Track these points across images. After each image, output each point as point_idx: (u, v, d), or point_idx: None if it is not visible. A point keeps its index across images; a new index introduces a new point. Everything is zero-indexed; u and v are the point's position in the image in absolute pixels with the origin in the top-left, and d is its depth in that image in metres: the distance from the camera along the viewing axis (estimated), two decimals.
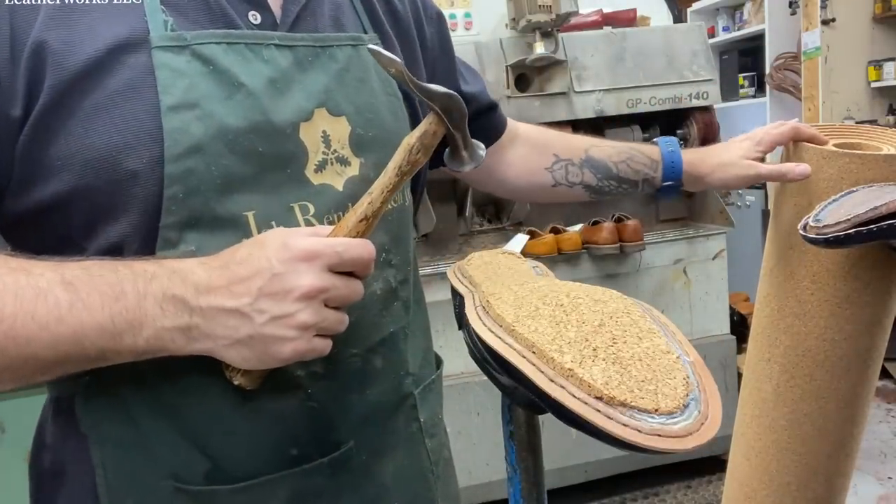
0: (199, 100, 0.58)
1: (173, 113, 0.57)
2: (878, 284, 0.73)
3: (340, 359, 0.65)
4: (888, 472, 2.37)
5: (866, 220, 0.61)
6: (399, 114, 0.72)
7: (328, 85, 0.65)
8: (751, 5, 4.32)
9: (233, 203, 0.59)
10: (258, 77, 0.61)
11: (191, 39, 0.59)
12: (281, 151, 0.62)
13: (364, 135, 0.67)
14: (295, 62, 0.64)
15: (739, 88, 4.42)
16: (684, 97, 2.36)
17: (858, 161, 0.74)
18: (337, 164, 0.65)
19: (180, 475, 0.62)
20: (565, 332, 0.45)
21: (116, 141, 0.56)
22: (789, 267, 0.78)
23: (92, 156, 0.56)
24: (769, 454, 0.79)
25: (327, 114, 0.65)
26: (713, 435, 0.39)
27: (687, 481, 2.44)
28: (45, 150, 0.57)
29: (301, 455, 0.64)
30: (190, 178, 0.58)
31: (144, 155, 0.57)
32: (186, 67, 0.58)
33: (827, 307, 0.74)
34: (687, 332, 2.37)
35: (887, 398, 2.90)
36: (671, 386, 0.42)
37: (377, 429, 0.70)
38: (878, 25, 3.58)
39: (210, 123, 0.58)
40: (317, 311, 0.54)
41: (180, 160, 0.57)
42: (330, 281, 0.55)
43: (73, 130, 0.56)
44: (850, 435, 0.78)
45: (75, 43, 0.56)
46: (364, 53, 0.69)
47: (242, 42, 0.61)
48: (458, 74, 0.90)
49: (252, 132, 0.60)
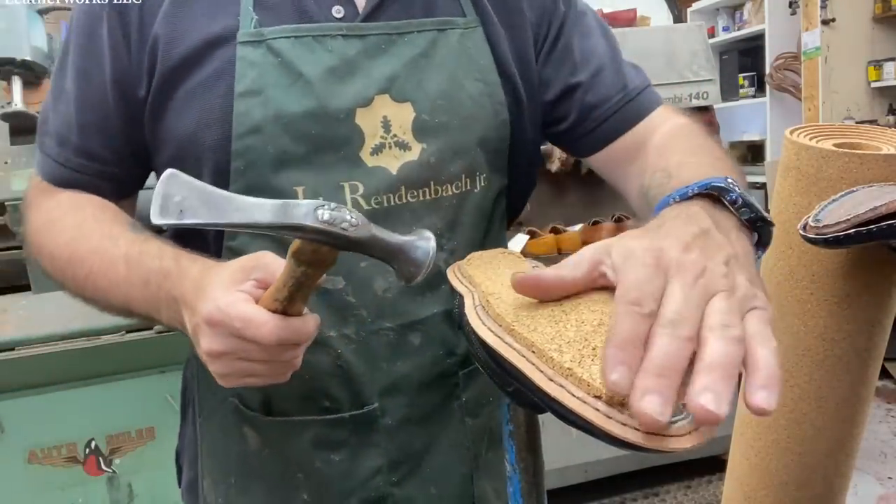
0: (264, 87, 0.67)
1: (242, 98, 0.66)
2: (877, 284, 0.73)
3: (372, 330, 0.71)
4: (888, 472, 2.37)
5: (866, 220, 0.61)
6: (484, 100, 0.73)
7: (396, 71, 0.70)
8: (751, 5, 4.32)
9: (286, 178, 0.67)
10: (318, 66, 0.68)
11: (267, 34, 0.67)
12: (334, 134, 0.68)
13: (429, 120, 0.71)
14: (363, 50, 0.69)
15: (739, 88, 4.42)
16: (684, 97, 2.36)
17: (858, 161, 0.74)
18: (395, 149, 0.70)
19: (243, 397, 0.74)
20: (564, 332, 0.45)
21: (201, 120, 0.67)
22: (789, 267, 0.78)
23: (184, 133, 0.68)
24: (769, 454, 0.79)
25: (390, 100, 0.69)
26: (712, 434, 0.39)
27: (687, 481, 2.44)
28: (158, 125, 0.69)
29: (330, 406, 0.72)
30: (249, 154, 0.67)
31: (218, 133, 0.67)
32: (260, 59, 0.67)
33: (826, 307, 0.74)
34: None
35: (887, 398, 2.90)
36: None
37: (406, 398, 0.74)
38: (878, 25, 3.59)
39: (269, 108, 0.66)
40: (227, 364, 0.56)
41: (243, 138, 0.66)
42: (232, 346, 0.54)
43: (173, 111, 0.68)
44: (850, 435, 0.78)
45: (179, 37, 0.67)
46: (450, 38, 0.72)
47: (310, 34, 0.68)
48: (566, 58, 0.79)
49: (307, 117, 0.67)
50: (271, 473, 0.75)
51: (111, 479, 1.62)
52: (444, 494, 0.77)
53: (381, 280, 0.71)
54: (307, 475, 0.74)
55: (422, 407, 0.75)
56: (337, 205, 0.50)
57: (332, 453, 0.73)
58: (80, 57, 0.71)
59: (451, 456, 0.77)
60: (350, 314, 0.71)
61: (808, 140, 0.83)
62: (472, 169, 0.74)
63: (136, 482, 1.64)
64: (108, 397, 1.59)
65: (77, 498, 1.60)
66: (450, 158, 0.72)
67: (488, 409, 0.80)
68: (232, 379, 0.57)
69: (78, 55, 0.71)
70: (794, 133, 0.86)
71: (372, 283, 0.71)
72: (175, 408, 1.62)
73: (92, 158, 0.72)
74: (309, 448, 0.73)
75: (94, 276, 0.66)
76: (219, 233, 0.71)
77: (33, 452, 1.55)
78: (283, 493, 0.75)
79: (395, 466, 0.74)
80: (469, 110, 0.72)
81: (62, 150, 0.73)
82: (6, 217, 1.60)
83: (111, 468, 1.62)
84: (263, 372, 0.57)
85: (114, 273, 0.64)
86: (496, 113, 0.74)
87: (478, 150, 0.74)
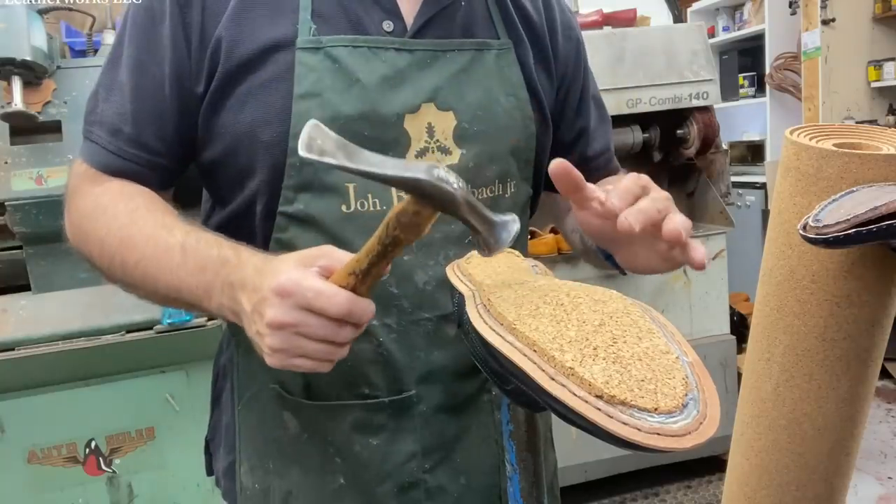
0: (323, 90, 0.72)
1: (301, 100, 0.71)
2: (877, 284, 0.73)
3: (413, 319, 0.76)
4: (888, 472, 2.37)
5: (866, 220, 0.61)
6: (515, 114, 0.80)
7: (440, 83, 0.76)
8: (751, 5, 4.32)
9: (338, 175, 0.72)
10: (373, 74, 0.73)
11: (325, 42, 0.73)
12: (384, 137, 0.73)
13: (469, 129, 0.77)
14: (413, 63, 0.75)
15: (739, 88, 4.42)
16: (684, 97, 2.36)
17: (858, 161, 0.74)
18: (438, 153, 0.76)
19: (285, 384, 0.78)
20: (566, 332, 0.45)
21: (259, 118, 0.72)
22: (789, 267, 0.78)
23: (240, 129, 0.72)
24: (769, 454, 0.79)
25: (435, 108, 0.76)
26: (711, 434, 0.39)
27: (687, 481, 2.44)
28: (213, 120, 0.74)
29: (370, 393, 0.76)
30: None
31: (276, 130, 0.72)
32: (318, 65, 0.72)
33: (826, 307, 0.74)
34: (687, 332, 2.37)
35: (887, 398, 2.90)
36: (670, 385, 0.43)
37: (441, 387, 0.78)
38: (878, 25, 3.59)
39: (327, 109, 0.71)
40: (285, 339, 0.58)
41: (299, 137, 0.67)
42: (297, 318, 0.58)
43: (231, 108, 0.73)
44: (850, 435, 0.78)
45: (241, 40, 0.72)
46: (487, 57, 0.79)
47: (366, 46, 0.74)
48: (582, 107, 0.92)
49: (361, 119, 0.72)
50: (310, 457, 0.78)
51: (111, 479, 1.62)
52: (472, 484, 0.80)
53: (421, 273, 0.76)
54: (345, 458, 0.77)
55: (455, 397, 0.79)
56: (447, 168, 0.54)
57: (371, 437, 0.77)
58: (138, 50, 0.75)
59: (480, 447, 0.80)
60: (392, 304, 0.75)
61: (808, 140, 0.83)
62: (504, 175, 0.81)
63: (136, 482, 1.64)
64: (108, 397, 1.59)
65: (77, 498, 1.60)
66: (486, 164, 0.78)
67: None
68: (282, 356, 0.59)
69: (136, 48, 0.75)
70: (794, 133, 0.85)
71: (413, 275, 0.76)
72: (175, 408, 1.62)
73: (144, 148, 0.76)
74: (349, 431, 0.76)
75: (146, 261, 0.69)
76: (267, 227, 0.75)
77: (33, 452, 1.55)
78: (321, 477, 0.78)
79: (429, 453, 0.78)
80: (503, 121, 0.79)
81: (114, 139, 0.76)
82: (6, 217, 1.60)
83: (111, 468, 1.62)
84: (316, 352, 0.59)
85: (168, 260, 0.67)
86: (525, 126, 0.81)
87: (510, 158, 0.81)
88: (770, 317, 0.81)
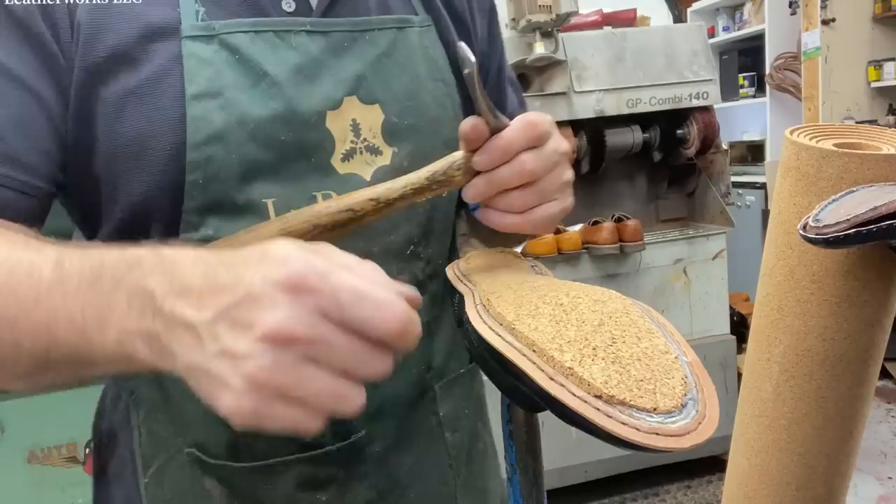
0: (223, 88, 0.58)
1: (196, 101, 0.58)
2: (877, 284, 0.73)
3: None
4: (888, 472, 2.37)
5: (866, 220, 0.61)
6: (445, 101, 0.70)
7: (362, 72, 0.64)
8: (751, 5, 4.32)
9: (253, 190, 0.60)
10: (284, 65, 0.61)
11: (219, 29, 0.59)
12: (305, 140, 0.61)
13: (399, 123, 0.66)
14: (328, 48, 0.63)
15: (739, 88, 4.42)
16: (684, 97, 2.36)
17: (858, 161, 0.74)
18: (367, 154, 0.65)
19: (204, 446, 0.63)
20: (565, 331, 0.45)
21: (143, 128, 0.57)
22: (789, 267, 0.78)
23: (120, 142, 0.57)
24: (769, 454, 0.79)
25: (358, 102, 0.64)
26: (711, 434, 0.39)
27: (687, 481, 2.44)
28: (83, 130, 0.58)
29: (314, 441, 0.64)
30: (210, 165, 0.58)
31: (168, 142, 0.57)
32: (213, 56, 0.59)
33: (827, 307, 0.74)
34: (687, 332, 2.37)
35: (887, 398, 2.90)
36: (669, 385, 0.43)
37: (393, 422, 0.68)
38: (878, 25, 3.59)
39: (232, 112, 0.58)
40: (284, 364, 0.36)
41: (201, 148, 0.58)
42: (316, 330, 0.37)
43: (104, 115, 0.57)
44: (850, 435, 0.78)
45: (106, 25, 0.57)
46: (410, 36, 0.68)
47: (271, 29, 0.61)
48: (500, 88, 0.83)
49: (275, 121, 0.60)
50: None
51: None
52: None
53: None
54: None
55: (406, 427, 0.70)
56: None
57: (319, 493, 0.65)
58: None
59: (434, 477, 0.73)
60: None
61: (808, 140, 0.83)
62: None
63: None
64: None
65: (77, 498, 1.60)
66: (421, 162, 0.64)
67: (465, 421, 0.77)
68: (264, 396, 0.37)
69: None
70: (794, 133, 0.85)
71: None
72: None
73: (16, 166, 0.56)
74: (292, 492, 0.64)
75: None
76: (172, 230, 0.60)
77: (33, 452, 1.55)
78: None
79: (384, 496, 0.69)
80: (434, 112, 0.68)
81: None
82: None
83: None
84: (321, 393, 0.38)
85: (30, 284, 0.43)
86: (457, 115, 0.70)
87: (445, 153, 0.67)
88: (770, 317, 0.81)
